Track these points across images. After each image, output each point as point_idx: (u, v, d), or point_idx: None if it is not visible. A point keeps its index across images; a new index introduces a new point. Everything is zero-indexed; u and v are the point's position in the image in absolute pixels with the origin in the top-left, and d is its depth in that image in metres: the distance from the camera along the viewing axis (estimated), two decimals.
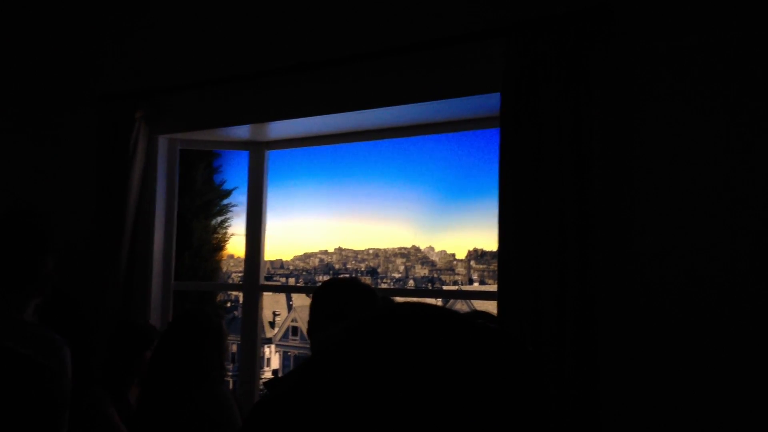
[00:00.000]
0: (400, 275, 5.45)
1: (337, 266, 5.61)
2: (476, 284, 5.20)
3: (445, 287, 5.39)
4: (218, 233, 5.24)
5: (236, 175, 5.09)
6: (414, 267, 5.37)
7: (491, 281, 4.76)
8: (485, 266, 5.00)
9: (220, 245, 5.27)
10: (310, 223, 4.82)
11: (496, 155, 3.01)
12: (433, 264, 5.33)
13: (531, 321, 2.82)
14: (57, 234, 2.65)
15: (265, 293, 4.46)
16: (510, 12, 3.08)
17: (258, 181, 4.39)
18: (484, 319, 0.80)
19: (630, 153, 2.83)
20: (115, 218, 4.18)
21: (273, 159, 4.44)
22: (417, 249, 5.35)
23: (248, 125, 4.03)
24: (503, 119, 2.96)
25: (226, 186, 5.22)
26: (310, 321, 2.42)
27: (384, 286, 4.88)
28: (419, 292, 5.73)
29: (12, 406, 1.74)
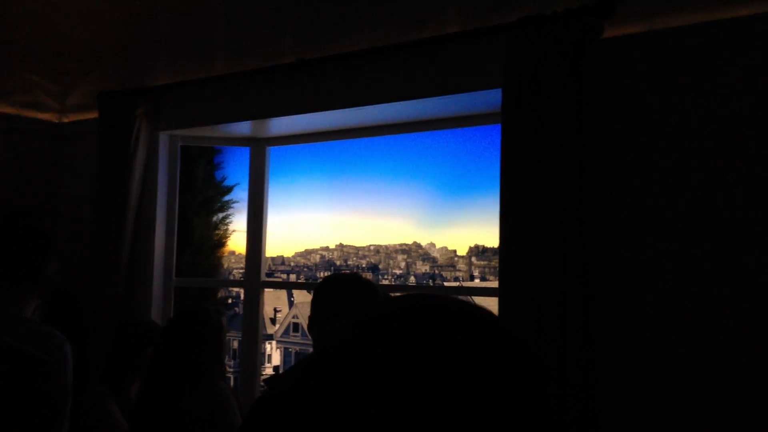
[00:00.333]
0: (401, 271, 5.44)
1: (338, 262, 5.61)
2: (477, 280, 5.20)
3: (446, 283, 5.39)
4: (219, 230, 5.24)
5: (237, 172, 5.10)
6: (415, 263, 5.37)
7: (492, 277, 4.76)
8: (486, 262, 5.00)
9: (221, 242, 5.26)
10: (311, 220, 4.84)
11: (498, 151, 3.00)
12: (434, 260, 5.32)
13: (532, 317, 2.81)
14: (57, 232, 2.66)
15: (266, 290, 4.46)
16: (511, 8, 3.07)
17: (259, 178, 4.38)
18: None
19: (632, 149, 2.83)
20: (117, 215, 4.18)
21: (274, 155, 4.44)
22: (418, 245, 5.35)
23: (249, 121, 4.02)
24: (505, 115, 2.96)
25: (227, 182, 5.22)
26: (311, 317, 2.42)
27: (385, 283, 4.89)
28: (420, 288, 5.73)
29: (12, 401, 1.74)
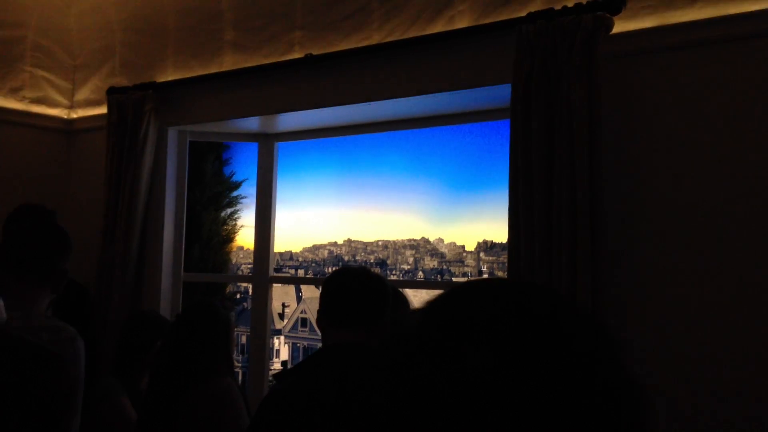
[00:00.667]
0: (410, 267, 5.44)
1: (347, 258, 5.61)
2: (486, 276, 5.19)
3: (455, 279, 5.38)
4: (228, 225, 5.24)
5: (246, 167, 5.10)
6: (423, 258, 5.36)
7: (501, 273, 4.76)
8: (495, 258, 5.00)
9: (230, 237, 5.27)
10: (320, 215, 4.82)
11: (507, 146, 3.00)
12: (443, 255, 5.31)
13: None
14: (66, 227, 2.67)
15: (275, 285, 4.47)
16: (521, 3, 3.07)
17: (267, 173, 4.39)
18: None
19: (643, 144, 2.82)
20: (126, 210, 4.20)
21: (282, 151, 4.44)
22: (426, 240, 5.34)
23: (258, 117, 4.03)
24: (513, 110, 2.96)
25: (236, 178, 5.22)
26: (320, 311, 2.41)
27: (393, 278, 4.89)
28: (428, 284, 5.72)
29: (23, 394, 1.75)
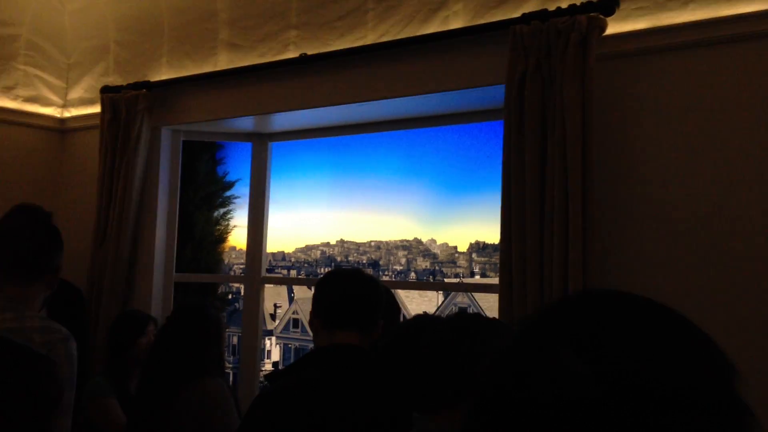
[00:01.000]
0: (402, 267, 5.45)
1: (339, 258, 5.61)
2: (478, 277, 5.20)
3: (447, 280, 5.39)
4: (220, 225, 5.23)
5: (239, 167, 5.09)
6: (416, 259, 5.37)
7: (493, 274, 4.77)
8: (487, 259, 5.01)
9: (223, 237, 5.26)
10: (313, 216, 4.82)
11: (500, 147, 3.01)
12: (435, 256, 5.32)
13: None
14: (59, 226, 2.66)
15: (267, 285, 4.46)
16: (515, 4, 3.08)
17: (261, 173, 4.39)
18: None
19: (634, 145, 2.83)
20: (118, 209, 4.19)
21: (275, 151, 4.44)
22: (419, 241, 5.34)
23: (251, 117, 4.03)
24: (507, 111, 2.96)
25: (229, 178, 5.21)
26: (313, 312, 2.41)
27: (386, 279, 4.89)
28: (421, 285, 5.73)
29: (11, 396, 1.75)
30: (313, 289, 2.44)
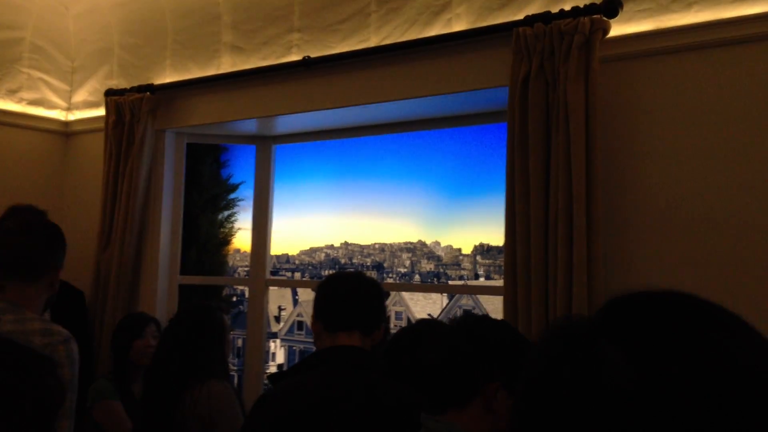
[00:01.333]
0: (406, 270, 5.43)
1: (343, 261, 5.61)
2: (482, 279, 5.19)
3: (451, 282, 5.38)
4: (225, 227, 5.24)
5: (243, 170, 5.09)
6: (420, 262, 5.36)
7: (497, 276, 4.76)
8: (491, 261, 5.00)
9: (227, 239, 5.27)
10: (317, 218, 4.82)
11: (504, 150, 3.00)
12: (439, 259, 5.31)
13: (537, 316, 2.81)
14: (63, 229, 2.66)
15: (271, 288, 4.46)
16: (519, 7, 3.08)
17: (265, 175, 4.39)
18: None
19: (638, 147, 2.83)
20: (122, 212, 4.20)
21: (280, 154, 4.44)
22: (423, 244, 5.33)
23: (255, 119, 4.03)
24: (511, 113, 2.96)
25: (233, 180, 5.21)
26: (314, 314, 2.40)
27: (390, 281, 4.89)
28: (425, 287, 5.74)
29: (11, 397, 1.75)
30: (314, 292, 2.44)
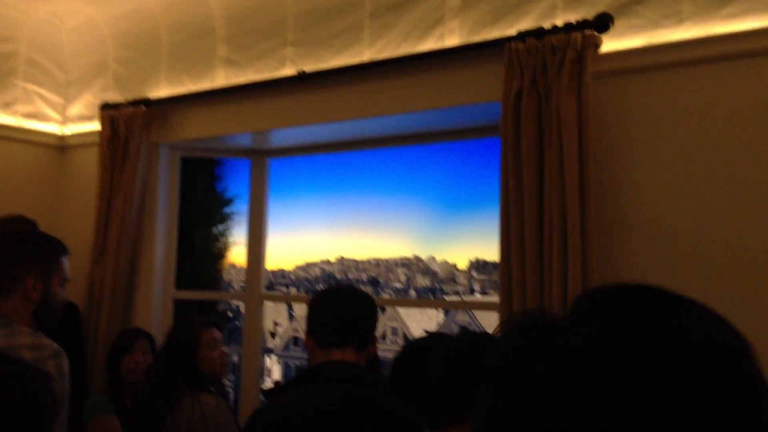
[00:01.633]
0: (402, 285, 5.42)
1: (339, 276, 5.59)
2: (478, 295, 5.18)
3: (447, 297, 5.36)
4: (220, 242, 5.23)
5: (237, 184, 5.09)
6: (415, 277, 5.35)
7: (493, 291, 4.75)
8: (487, 276, 4.99)
9: (222, 254, 5.26)
10: (312, 233, 4.81)
11: (497, 164, 3.00)
12: (435, 274, 5.30)
13: None
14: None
15: (267, 303, 4.45)
16: (511, 22, 3.09)
17: (259, 190, 4.38)
18: None
19: (632, 161, 2.83)
20: (117, 226, 4.18)
21: (274, 168, 4.44)
22: (418, 259, 5.33)
23: (250, 133, 4.03)
24: (504, 128, 2.97)
25: (228, 194, 5.21)
26: (307, 329, 2.39)
27: (385, 296, 4.87)
28: (421, 303, 5.72)
29: (6, 411, 1.73)
30: (306, 308, 2.43)
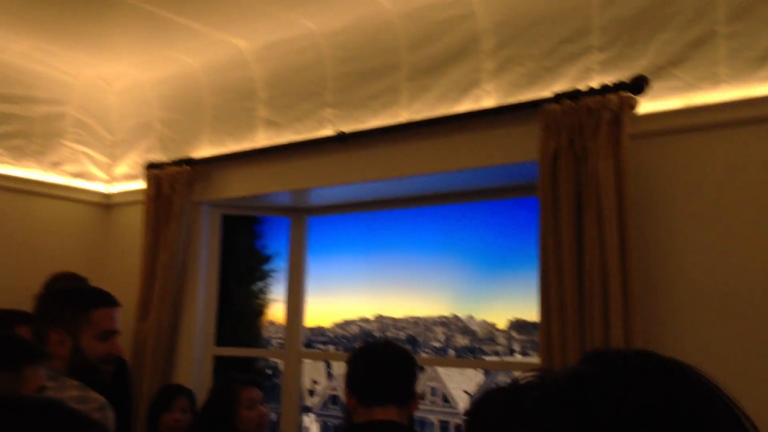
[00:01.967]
0: (441, 344, 5.38)
1: (377, 334, 5.58)
2: (518, 355, 5.11)
3: (486, 358, 5.30)
4: (259, 299, 5.26)
5: (277, 241, 5.14)
6: (454, 336, 5.30)
7: (533, 352, 4.69)
8: (527, 337, 4.93)
9: (261, 311, 5.28)
10: (350, 290, 4.83)
11: (535, 223, 3.01)
12: (474, 334, 5.25)
13: None
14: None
15: (305, 361, 4.45)
16: (547, 84, 3.12)
17: (299, 247, 4.42)
18: None
19: (668, 222, 2.82)
20: (161, 283, 4.25)
21: (313, 225, 4.48)
22: (457, 318, 5.29)
23: (289, 192, 4.09)
24: (542, 188, 2.97)
25: (268, 251, 5.26)
26: (346, 384, 2.37)
27: (424, 356, 4.84)
28: (461, 362, 5.66)
29: None
30: (346, 366, 2.41)
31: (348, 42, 3.77)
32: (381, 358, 2.36)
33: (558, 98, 2.95)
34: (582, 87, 2.92)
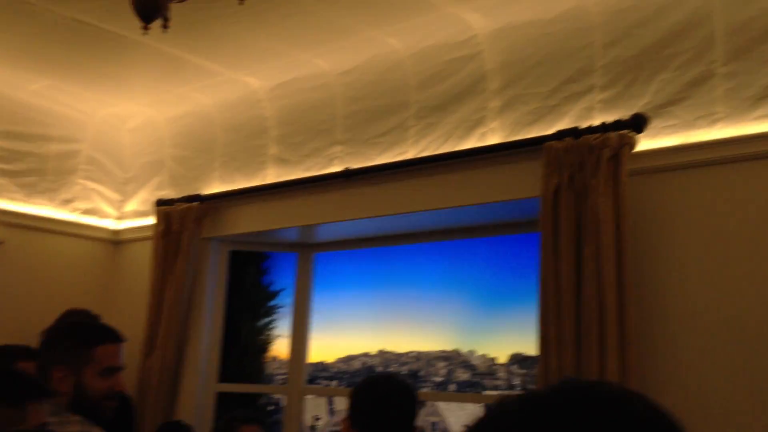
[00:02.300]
0: (442, 379, 5.40)
1: (380, 369, 5.60)
2: (518, 389, 5.14)
3: (486, 392, 5.33)
4: (264, 334, 5.28)
5: (283, 276, 5.18)
6: (456, 371, 5.33)
7: (533, 387, 4.72)
8: (527, 371, 4.96)
9: (266, 347, 5.30)
10: (353, 325, 4.86)
11: (536, 259, 3.07)
12: (475, 368, 5.28)
13: None
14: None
15: (307, 396, 4.46)
16: (549, 122, 3.21)
17: (305, 283, 4.48)
18: None
19: (668, 260, 2.89)
20: (167, 318, 4.30)
21: (318, 260, 4.55)
22: (458, 353, 5.32)
23: (297, 228, 4.17)
24: (543, 224, 3.05)
25: (274, 287, 5.29)
26: (349, 417, 2.37)
27: (426, 390, 4.87)
28: (460, 397, 5.68)
29: None
30: (348, 398, 2.41)
31: (358, 81, 3.89)
32: (383, 390, 2.38)
33: (560, 135, 3.05)
34: (584, 125, 3.03)
